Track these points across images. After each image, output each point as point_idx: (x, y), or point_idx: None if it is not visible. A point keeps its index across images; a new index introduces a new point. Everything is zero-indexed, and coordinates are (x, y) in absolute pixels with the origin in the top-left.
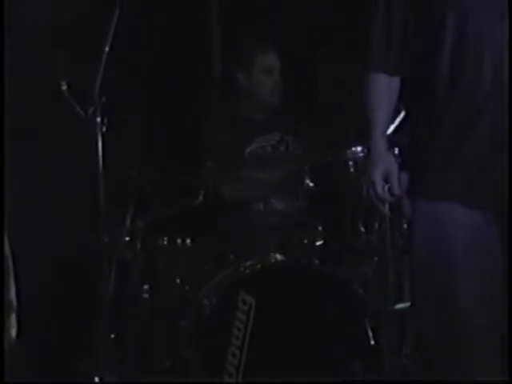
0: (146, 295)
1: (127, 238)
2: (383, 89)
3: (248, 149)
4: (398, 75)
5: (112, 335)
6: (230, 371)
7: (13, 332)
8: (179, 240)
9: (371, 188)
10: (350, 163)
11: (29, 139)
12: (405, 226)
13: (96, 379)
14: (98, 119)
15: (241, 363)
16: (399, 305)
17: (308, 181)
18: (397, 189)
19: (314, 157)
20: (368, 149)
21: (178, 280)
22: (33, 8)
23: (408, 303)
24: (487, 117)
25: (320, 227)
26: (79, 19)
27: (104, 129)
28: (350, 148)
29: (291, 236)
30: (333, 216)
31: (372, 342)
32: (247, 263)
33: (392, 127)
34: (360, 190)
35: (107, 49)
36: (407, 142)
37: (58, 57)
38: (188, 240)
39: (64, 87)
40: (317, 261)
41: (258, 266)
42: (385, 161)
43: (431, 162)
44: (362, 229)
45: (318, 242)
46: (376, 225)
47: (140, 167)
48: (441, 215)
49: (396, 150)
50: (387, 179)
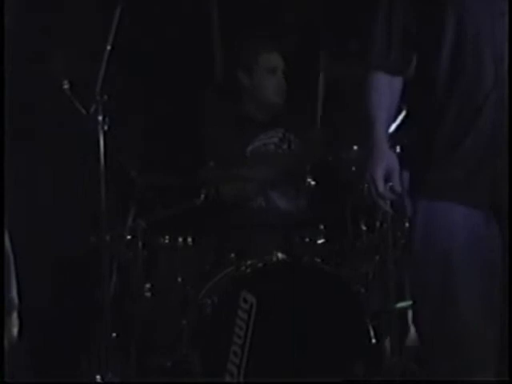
0: (148, 294)
1: (129, 237)
2: (384, 88)
3: (250, 147)
4: (400, 75)
5: (113, 334)
6: (232, 370)
7: (14, 331)
8: (181, 239)
9: (373, 186)
10: (352, 162)
11: (30, 138)
12: (406, 225)
13: (97, 378)
14: (100, 118)
15: (242, 362)
16: (400, 304)
17: (310, 179)
18: (398, 187)
19: (316, 155)
20: (370, 147)
21: (180, 279)
22: (33, 8)
23: (409, 302)
24: (487, 116)
25: (321, 226)
26: (81, 18)
27: (106, 127)
28: (352, 147)
29: (293, 235)
30: (334, 215)
31: (373, 341)
32: (248, 262)
33: (394, 126)
34: (362, 189)
35: (109, 47)
36: (408, 141)
37: (60, 55)
38: (189, 239)
39: (66, 86)
40: (318, 260)
41: (260, 265)
42: (386, 159)
43: (432, 161)
44: (364, 228)
45: (320, 241)
46: (377, 224)
47: (142, 166)
48: (441, 214)
49: (398, 149)
50: (389, 178)
